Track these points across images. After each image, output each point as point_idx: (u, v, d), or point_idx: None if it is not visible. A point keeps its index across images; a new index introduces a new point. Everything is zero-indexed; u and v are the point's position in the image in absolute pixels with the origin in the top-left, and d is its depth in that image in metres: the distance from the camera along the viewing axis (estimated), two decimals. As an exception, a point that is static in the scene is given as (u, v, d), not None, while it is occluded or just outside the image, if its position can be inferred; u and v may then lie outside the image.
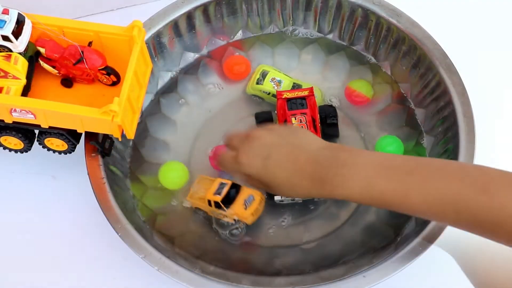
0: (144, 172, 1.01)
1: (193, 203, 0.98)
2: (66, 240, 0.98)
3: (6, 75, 0.87)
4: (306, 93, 1.01)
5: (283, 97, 1.00)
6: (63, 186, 1.02)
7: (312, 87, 1.02)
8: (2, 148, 0.94)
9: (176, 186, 1.00)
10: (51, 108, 0.85)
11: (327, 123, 1.01)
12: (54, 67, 0.90)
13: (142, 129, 1.04)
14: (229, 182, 0.96)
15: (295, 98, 1.00)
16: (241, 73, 1.08)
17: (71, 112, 0.85)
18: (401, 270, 0.87)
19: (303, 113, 0.99)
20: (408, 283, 0.94)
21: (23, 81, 0.88)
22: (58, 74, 0.91)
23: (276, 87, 1.04)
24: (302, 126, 0.97)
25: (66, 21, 0.90)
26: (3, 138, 0.92)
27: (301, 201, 0.98)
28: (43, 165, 1.03)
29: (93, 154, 0.94)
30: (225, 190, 0.95)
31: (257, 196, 0.95)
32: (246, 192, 0.95)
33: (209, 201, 0.95)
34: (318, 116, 1.00)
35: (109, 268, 0.96)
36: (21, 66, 0.88)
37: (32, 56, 0.91)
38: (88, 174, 0.93)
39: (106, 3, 1.14)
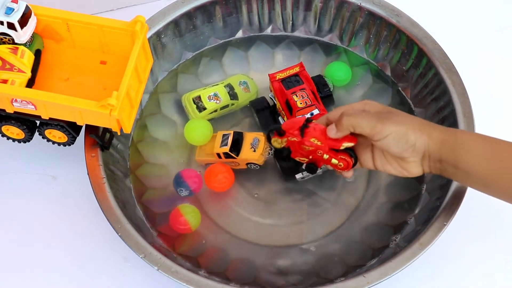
0: (144, 172, 1.01)
1: (203, 161, 1.01)
2: (66, 240, 0.98)
3: (11, 67, 0.88)
4: (297, 69, 1.01)
5: (277, 78, 1.01)
6: (63, 186, 1.02)
7: (301, 62, 1.02)
8: (5, 138, 0.94)
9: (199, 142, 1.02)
10: (50, 99, 0.86)
11: (321, 96, 1.02)
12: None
13: (142, 129, 1.04)
14: (231, 132, 0.99)
15: (289, 77, 1.00)
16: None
17: (69, 104, 0.85)
18: (401, 270, 0.87)
19: (302, 89, 0.99)
20: (408, 283, 0.94)
21: (28, 74, 0.89)
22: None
23: (217, 102, 1.03)
24: (305, 102, 0.97)
25: (70, 14, 0.91)
26: (4, 127, 0.92)
27: (321, 173, 0.99)
28: (43, 165, 1.03)
29: (93, 155, 0.94)
30: (230, 140, 0.98)
31: (261, 137, 0.99)
32: (250, 136, 0.99)
33: (218, 154, 0.98)
34: (315, 88, 1.00)
35: (110, 268, 0.96)
36: (27, 59, 0.89)
37: (39, 50, 0.92)
38: (88, 174, 0.93)
39: (106, 3, 1.14)
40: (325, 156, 0.87)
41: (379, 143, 0.83)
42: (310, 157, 0.88)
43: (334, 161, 0.87)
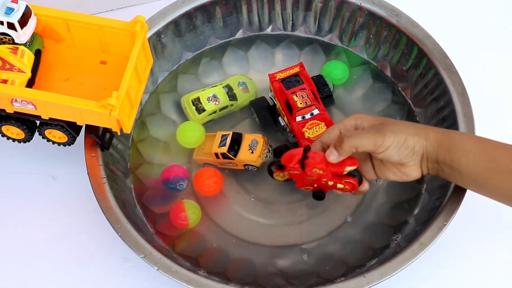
0: (144, 172, 1.01)
1: (201, 160, 1.01)
2: (66, 240, 0.98)
3: (11, 67, 0.88)
4: (297, 69, 1.01)
5: (277, 78, 1.01)
6: (63, 186, 1.02)
7: (301, 62, 1.02)
8: (5, 138, 0.94)
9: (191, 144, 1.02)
10: (50, 99, 0.86)
11: (321, 97, 1.02)
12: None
13: (142, 129, 1.04)
14: (230, 133, 0.99)
15: (289, 77, 1.00)
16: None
17: (69, 104, 0.85)
18: (401, 270, 0.87)
19: (302, 89, 0.99)
20: (408, 283, 0.94)
21: (28, 74, 0.89)
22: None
23: (216, 103, 1.03)
24: (305, 102, 0.98)
25: (70, 14, 0.91)
26: (4, 127, 0.92)
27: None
28: (43, 165, 1.03)
29: (93, 155, 0.94)
30: (228, 141, 0.98)
31: (260, 139, 0.98)
32: (248, 138, 0.99)
33: (216, 154, 0.98)
34: (315, 88, 1.00)
35: (110, 268, 0.96)
36: (27, 59, 0.89)
37: (39, 50, 0.92)
38: (88, 174, 0.93)
39: (106, 3, 1.14)
40: (330, 183, 0.88)
41: (381, 155, 0.84)
42: (315, 185, 0.89)
43: (339, 185, 0.88)
